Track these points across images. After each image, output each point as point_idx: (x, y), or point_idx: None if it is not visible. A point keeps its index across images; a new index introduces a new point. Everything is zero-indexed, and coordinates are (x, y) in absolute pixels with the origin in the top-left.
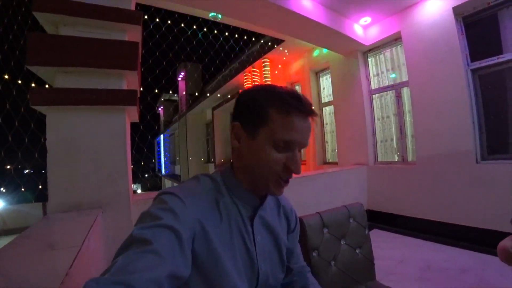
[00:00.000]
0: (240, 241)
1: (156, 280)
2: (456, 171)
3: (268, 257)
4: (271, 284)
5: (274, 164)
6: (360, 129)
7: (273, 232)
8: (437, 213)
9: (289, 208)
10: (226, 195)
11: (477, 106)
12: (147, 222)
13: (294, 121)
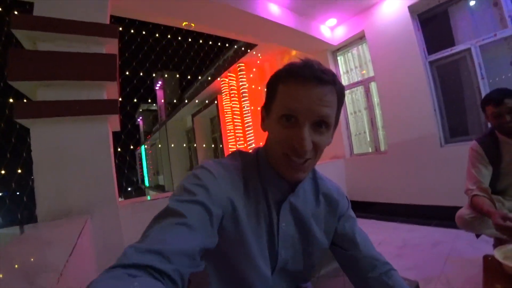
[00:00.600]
0: (264, 224)
1: (188, 252)
2: (424, 155)
3: (291, 244)
4: (289, 269)
5: (280, 141)
6: None
7: (303, 221)
8: (410, 197)
9: (336, 194)
10: (256, 177)
11: (437, 94)
12: (182, 196)
13: (296, 90)
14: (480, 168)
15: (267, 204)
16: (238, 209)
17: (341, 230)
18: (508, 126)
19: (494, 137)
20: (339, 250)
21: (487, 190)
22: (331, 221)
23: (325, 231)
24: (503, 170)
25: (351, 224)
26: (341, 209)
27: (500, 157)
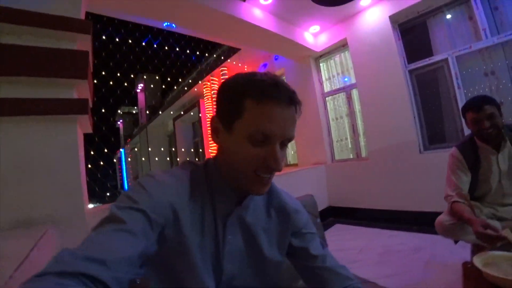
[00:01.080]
0: (210, 236)
1: (128, 258)
2: (403, 162)
3: (238, 258)
4: (236, 285)
5: (251, 160)
6: (316, 130)
7: (252, 235)
8: (390, 202)
9: (290, 209)
10: (204, 188)
11: (416, 102)
12: (124, 203)
13: (271, 110)
14: (460, 174)
15: (214, 216)
16: (181, 218)
17: (297, 245)
18: (486, 132)
19: (473, 144)
20: (297, 266)
21: (466, 197)
22: (285, 235)
23: (278, 245)
24: (481, 176)
25: (307, 239)
26: (295, 225)
27: (478, 163)
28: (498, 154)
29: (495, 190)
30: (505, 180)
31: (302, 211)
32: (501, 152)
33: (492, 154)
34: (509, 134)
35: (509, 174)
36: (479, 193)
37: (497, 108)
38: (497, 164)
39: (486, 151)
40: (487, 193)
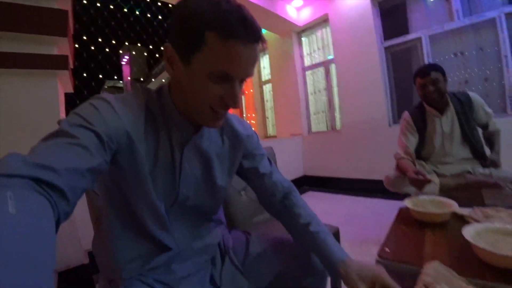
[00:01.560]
0: (165, 163)
1: (80, 171)
2: (374, 134)
3: (193, 184)
4: (189, 204)
5: (209, 97)
6: (295, 103)
7: (207, 161)
8: (360, 172)
9: (242, 134)
10: (160, 119)
11: (389, 78)
12: (77, 121)
13: (236, 50)
14: (408, 136)
15: (171, 145)
16: (136, 148)
17: (247, 166)
18: (431, 96)
19: (421, 108)
20: (247, 181)
21: (411, 154)
22: (236, 160)
23: (228, 170)
24: (427, 137)
25: (257, 160)
26: (247, 148)
27: (425, 126)
28: (442, 117)
29: (438, 150)
30: (447, 141)
31: (253, 135)
32: (444, 115)
33: (436, 117)
34: (454, 100)
35: (451, 136)
36: (425, 153)
37: (442, 75)
38: (441, 127)
39: (432, 114)
40: (431, 152)
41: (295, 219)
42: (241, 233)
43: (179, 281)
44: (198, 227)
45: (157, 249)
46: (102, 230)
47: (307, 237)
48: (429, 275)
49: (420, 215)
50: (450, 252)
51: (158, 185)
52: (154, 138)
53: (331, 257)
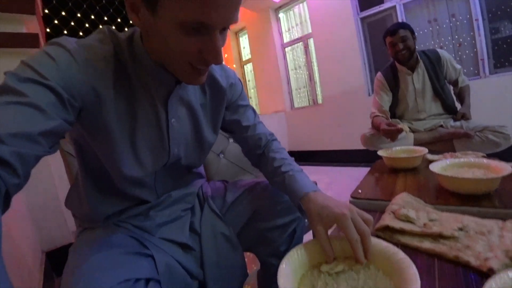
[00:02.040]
0: (147, 122)
1: (29, 134)
2: (354, 105)
3: (184, 141)
4: (183, 164)
5: (184, 52)
6: (276, 80)
7: (194, 114)
8: (343, 143)
9: (225, 83)
10: (133, 70)
11: (366, 48)
12: (26, 74)
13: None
14: (382, 95)
15: (151, 99)
16: (105, 104)
17: (230, 118)
18: (401, 54)
19: (393, 68)
20: (230, 134)
21: (385, 112)
22: (219, 110)
23: (212, 122)
24: (400, 96)
25: (240, 112)
26: (229, 99)
27: (398, 84)
28: (413, 74)
29: (411, 107)
30: (420, 98)
31: (237, 83)
32: (415, 72)
33: (408, 75)
34: (423, 58)
35: (422, 93)
36: (399, 111)
37: (411, 33)
38: (413, 84)
39: (403, 73)
40: (405, 110)
41: (270, 162)
42: (219, 183)
43: (157, 227)
44: (180, 179)
45: (137, 204)
46: (78, 187)
47: (279, 177)
48: (397, 204)
49: (392, 161)
50: (418, 186)
51: (141, 149)
52: (128, 94)
53: (296, 191)
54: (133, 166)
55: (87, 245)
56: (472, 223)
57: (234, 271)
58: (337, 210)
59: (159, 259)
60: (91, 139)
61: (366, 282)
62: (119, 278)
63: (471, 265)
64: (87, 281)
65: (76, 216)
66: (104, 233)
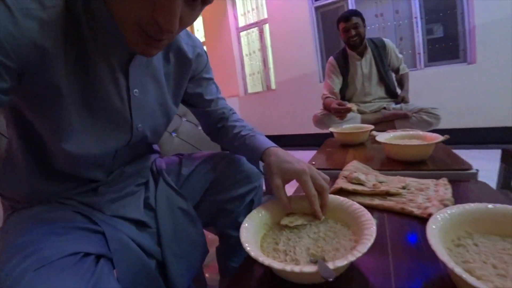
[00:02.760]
0: (104, 90)
1: None
2: (306, 91)
3: (149, 113)
4: (149, 141)
5: (134, 14)
6: (231, 64)
7: (159, 83)
8: (296, 127)
9: (191, 53)
10: (85, 22)
11: (319, 37)
12: None
13: None
14: (333, 78)
15: (108, 63)
16: (51, 61)
17: (193, 91)
18: (352, 39)
19: (344, 53)
20: (190, 108)
21: (336, 94)
22: (182, 82)
23: (174, 94)
24: (350, 79)
25: (204, 85)
26: (194, 70)
27: (348, 69)
28: (362, 60)
29: (360, 91)
30: (366, 82)
31: (203, 54)
32: (363, 58)
33: (357, 60)
34: (371, 45)
35: (369, 77)
36: (349, 94)
37: (362, 20)
38: (361, 69)
39: (353, 58)
40: (353, 93)
41: (230, 130)
42: (174, 157)
43: (107, 204)
44: (135, 155)
45: (85, 183)
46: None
47: (239, 141)
48: (348, 170)
49: (343, 136)
50: (366, 157)
51: (100, 124)
52: (81, 54)
53: (258, 147)
54: (90, 143)
55: (22, 222)
56: (413, 182)
57: (194, 247)
58: (298, 165)
59: (111, 235)
60: (35, 110)
61: (326, 233)
62: (65, 252)
63: (414, 214)
64: (24, 256)
65: (5, 197)
66: (44, 209)
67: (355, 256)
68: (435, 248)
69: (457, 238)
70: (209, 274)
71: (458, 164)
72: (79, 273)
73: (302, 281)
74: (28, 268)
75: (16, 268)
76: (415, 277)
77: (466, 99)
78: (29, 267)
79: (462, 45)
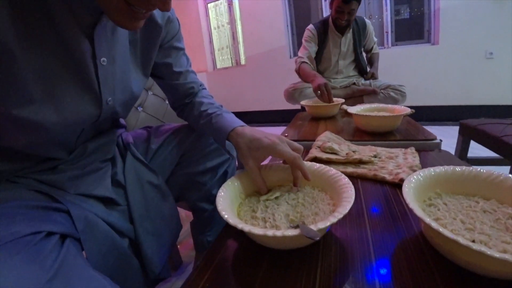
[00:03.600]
0: (67, 59)
1: None
2: (276, 66)
3: (118, 85)
4: (120, 116)
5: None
6: (198, 38)
7: (126, 49)
8: (266, 103)
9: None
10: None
11: (290, 12)
12: None
13: None
14: (311, 44)
15: (73, 24)
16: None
17: (161, 61)
18: (341, 23)
19: (326, 25)
20: (157, 80)
21: (312, 60)
22: (151, 50)
23: (142, 63)
24: (325, 54)
25: (173, 55)
26: (164, 37)
27: (326, 42)
28: (342, 37)
29: (332, 67)
30: (341, 60)
31: (174, 21)
32: (344, 36)
33: (337, 37)
34: (354, 25)
35: (345, 56)
36: (321, 68)
37: (359, 5)
38: (339, 46)
39: (334, 34)
40: (327, 68)
41: (196, 106)
42: (141, 130)
43: (69, 181)
44: (101, 130)
45: (43, 161)
46: None
47: (205, 119)
48: (321, 140)
49: (314, 109)
50: (337, 129)
51: (59, 95)
52: (37, 13)
53: (223, 128)
54: (52, 114)
55: None
56: (383, 151)
57: (167, 222)
58: (266, 140)
59: (77, 214)
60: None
61: (305, 199)
62: (20, 232)
63: (386, 179)
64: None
65: None
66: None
67: (336, 218)
68: (412, 207)
69: (428, 199)
70: (184, 250)
71: (424, 135)
72: (42, 253)
73: (283, 246)
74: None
75: None
76: (390, 238)
77: (428, 78)
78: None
79: (426, 26)
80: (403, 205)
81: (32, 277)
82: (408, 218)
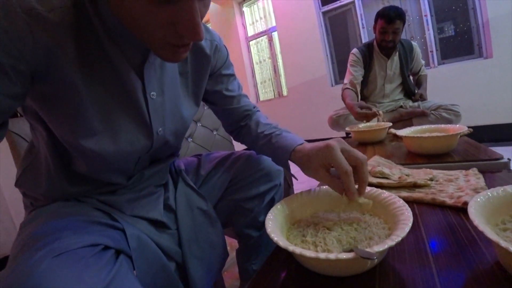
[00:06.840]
0: (122, 92)
1: None
2: (317, 95)
3: (169, 116)
4: (172, 145)
5: (156, 28)
6: (241, 73)
7: (174, 84)
8: (308, 132)
9: (209, 49)
10: (99, 21)
11: (328, 41)
12: None
13: None
14: (356, 68)
15: (125, 63)
16: (64, 64)
17: (212, 88)
18: (386, 44)
19: (371, 48)
20: (211, 106)
21: (355, 85)
22: (201, 80)
23: (193, 93)
24: (371, 78)
25: (225, 82)
26: (214, 66)
27: (371, 65)
28: (388, 60)
29: (378, 91)
30: (387, 84)
31: (222, 49)
32: (390, 59)
33: (383, 60)
34: (400, 47)
35: (391, 80)
36: (367, 92)
37: (403, 25)
38: (385, 70)
39: (379, 58)
40: (372, 92)
41: (253, 128)
42: (192, 157)
43: (126, 203)
44: (157, 159)
45: (105, 185)
46: (36, 169)
47: (264, 139)
48: (370, 165)
49: (360, 134)
50: (387, 153)
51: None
52: (96, 53)
53: (285, 147)
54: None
55: (42, 216)
56: (440, 174)
57: (214, 248)
58: (322, 144)
59: (131, 233)
60: (53, 110)
61: (358, 223)
62: (84, 242)
63: (446, 204)
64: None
65: (26, 195)
66: (64, 205)
67: (394, 241)
68: (482, 229)
69: (501, 222)
70: (228, 279)
71: (487, 154)
72: (99, 264)
73: (336, 272)
74: (46, 255)
75: (34, 256)
76: (458, 268)
77: (485, 95)
78: (47, 254)
79: (476, 40)
80: (469, 231)
81: (90, 283)
82: (479, 246)
